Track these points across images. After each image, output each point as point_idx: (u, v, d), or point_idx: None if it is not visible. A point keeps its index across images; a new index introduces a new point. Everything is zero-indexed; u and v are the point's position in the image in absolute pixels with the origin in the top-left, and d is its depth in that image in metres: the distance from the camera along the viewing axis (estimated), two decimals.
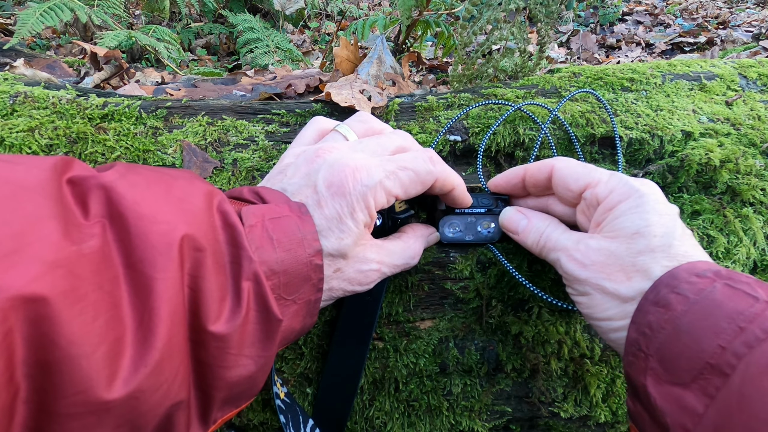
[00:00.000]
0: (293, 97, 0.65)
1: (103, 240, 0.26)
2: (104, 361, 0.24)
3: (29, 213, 0.24)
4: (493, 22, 0.56)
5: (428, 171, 0.39)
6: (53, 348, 0.23)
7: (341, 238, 0.36)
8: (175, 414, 0.28)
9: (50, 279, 0.23)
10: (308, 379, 0.47)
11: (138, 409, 0.25)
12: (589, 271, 0.37)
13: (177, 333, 0.27)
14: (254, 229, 0.32)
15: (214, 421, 0.32)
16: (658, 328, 0.31)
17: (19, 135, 0.44)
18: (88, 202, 0.27)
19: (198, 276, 0.29)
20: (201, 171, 0.47)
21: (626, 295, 0.35)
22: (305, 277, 0.34)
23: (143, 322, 0.26)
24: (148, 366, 0.25)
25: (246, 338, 0.31)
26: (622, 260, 0.36)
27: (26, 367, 0.22)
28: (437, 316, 0.48)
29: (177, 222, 0.28)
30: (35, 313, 0.22)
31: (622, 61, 1.94)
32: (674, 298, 0.32)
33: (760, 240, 0.50)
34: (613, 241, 0.37)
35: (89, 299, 0.24)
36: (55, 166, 0.27)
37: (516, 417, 0.50)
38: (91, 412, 0.24)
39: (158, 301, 0.26)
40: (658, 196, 0.37)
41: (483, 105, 0.52)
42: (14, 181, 0.25)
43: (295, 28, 2.61)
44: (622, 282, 0.36)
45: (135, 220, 0.27)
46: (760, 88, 0.60)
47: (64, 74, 0.75)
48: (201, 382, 0.30)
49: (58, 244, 0.24)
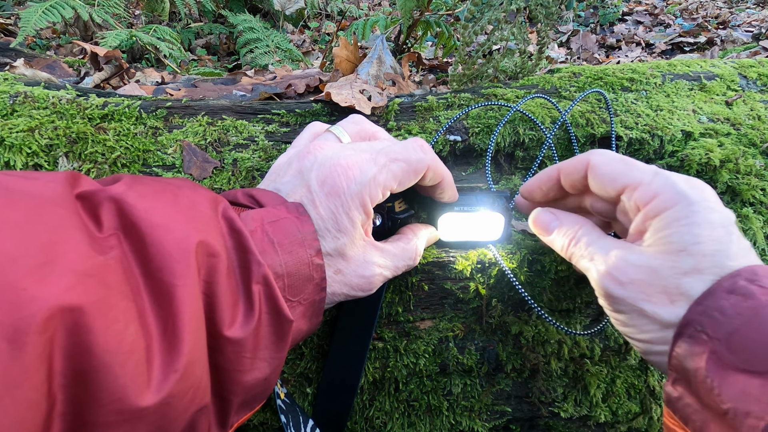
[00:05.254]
0: (293, 97, 0.65)
1: (121, 252, 0.26)
2: (137, 369, 0.24)
3: (56, 224, 0.24)
4: (494, 22, 0.56)
5: (419, 159, 0.38)
6: (89, 357, 0.23)
7: (337, 238, 0.36)
8: (199, 420, 0.28)
9: (83, 288, 0.23)
10: (308, 379, 0.47)
11: (168, 416, 0.26)
12: (627, 290, 0.34)
13: (200, 338, 0.27)
14: (255, 234, 0.32)
15: (231, 425, 0.32)
16: (734, 314, 0.29)
17: (19, 135, 0.44)
18: (100, 215, 0.27)
19: (212, 282, 0.29)
20: (201, 171, 0.47)
21: (668, 320, 0.32)
22: (308, 278, 0.34)
23: (168, 329, 0.26)
24: (178, 371, 0.25)
25: (260, 341, 0.31)
26: (666, 281, 0.32)
27: (63, 378, 0.23)
28: (437, 316, 0.48)
29: (189, 229, 0.28)
30: (72, 322, 0.22)
31: (622, 61, 1.94)
32: (757, 289, 0.30)
33: (760, 240, 0.50)
34: (656, 258, 0.33)
35: (119, 308, 0.24)
36: (67, 180, 0.27)
37: (516, 417, 0.50)
38: (126, 420, 0.24)
39: (181, 308, 0.26)
40: (710, 202, 0.33)
41: (483, 106, 0.52)
42: (36, 195, 0.25)
43: (295, 28, 2.61)
44: (665, 305, 0.32)
45: (149, 229, 0.27)
46: (760, 88, 0.60)
47: (64, 74, 0.75)
48: (219, 388, 0.30)
49: (87, 253, 0.24)
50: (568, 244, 0.38)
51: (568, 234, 0.38)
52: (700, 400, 0.30)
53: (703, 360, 0.30)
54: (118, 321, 0.24)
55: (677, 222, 0.32)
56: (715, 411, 0.29)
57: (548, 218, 0.40)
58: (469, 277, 0.47)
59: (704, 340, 0.30)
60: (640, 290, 0.33)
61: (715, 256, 0.31)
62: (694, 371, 0.30)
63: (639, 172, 0.35)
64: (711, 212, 0.32)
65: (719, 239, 0.31)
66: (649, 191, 0.34)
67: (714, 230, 0.32)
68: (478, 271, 0.47)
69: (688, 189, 0.33)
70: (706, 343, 0.30)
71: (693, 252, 0.31)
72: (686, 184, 0.33)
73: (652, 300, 0.33)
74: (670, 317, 0.32)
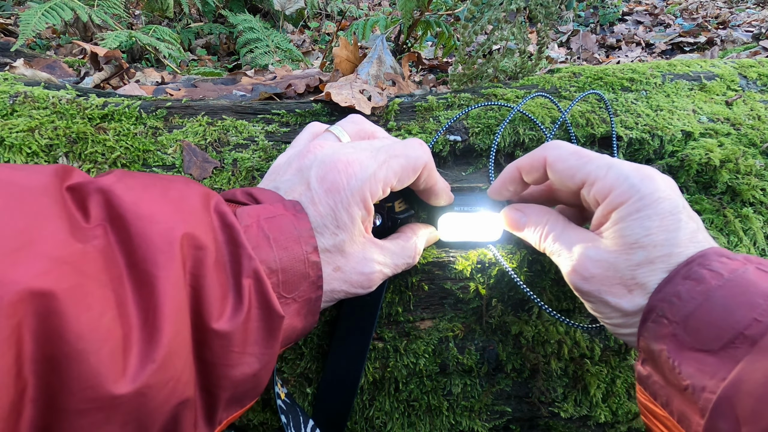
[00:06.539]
0: (293, 97, 0.65)
1: (105, 241, 0.26)
2: (112, 357, 0.24)
3: (35, 212, 0.24)
4: (494, 22, 0.56)
5: (418, 156, 0.39)
6: (61, 343, 0.23)
7: (336, 234, 0.36)
8: (182, 413, 0.28)
9: (57, 274, 0.23)
10: (308, 379, 0.47)
11: (145, 407, 0.26)
12: (590, 284, 0.36)
13: (181, 330, 0.27)
14: (250, 229, 0.32)
15: (220, 422, 0.32)
16: (689, 298, 0.32)
17: (19, 135, 0.44)
18: (87, 206, 0.27)
19: (199, 275, 0.29)
20: (201, 171, 0.47)
21: (627, 309, 0.35)
22: (303, 275, 0.34)
23: (148, 320, 0.26)
24: (155, 362, 0.25)
25: (249, 336, 0.31)
26: (622, 273, 0.35)
27: (34, 364, 0.23)
28: (437, 316, 0.48)
29: (176, 221, 0.28)
30: (43, 307, 0.22)
31: (622, 61, 1.94)
32: (707, 273, 0.32)
33: (760, 240, 0.50)
34: (611, 253, 0.35)
35: (95, 296, 0.24)
36: (56, 171, 0.27)
37: (516, 417, 0.50)
38: (98, 408, 0.24)
39: (162, 299, 0.26)
40: (660, 192, 0.35)
41: (483, 106, 0.52)
42: (18, 183, 0.25)
43: (295, 28, 2.61)
44: (624, 296, 0.35)
45: (134, 220, 0.27)
46: (760, 88, 0.60)
47: (64, 74, 0.75)
48: (206, 383, 0.30)
49: (65, 241, 0.24)
50: (539, 239, 0.40)
51: (537, 229, 0.40)
52: (665, 378, 0.33)
53: (665, 342, 0.32)
54: (92, 308, 0.24)
55: (630, 216, 0.35)
56: (677, 387, 0.32)
57: (517, 215, 0.42)
58: (469, 277, 0.47)
59: (665, 324, 0.33)
60: (602, 283, 0.36)
61: (665, 246, 0.34)
62: (659, 352, 0.33)
63: (594, 166, 0.37)
64: (661, 202, 0.34)
65: (668, 228, 0.34)
66: (605, 186, 0.36)
67: (664, 220, 0.34)
68: (478, 271, 0.47)
69: (639, 182, 0.35)
70: (667, 326, 0.33)
71: (644, 244, 0.34)
72: (638, 177, 0.35)
73: (612, 291, 0.35)
74: (629, 306, 0.35)
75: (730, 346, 0.30)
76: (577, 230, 0.39)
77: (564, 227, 0.40)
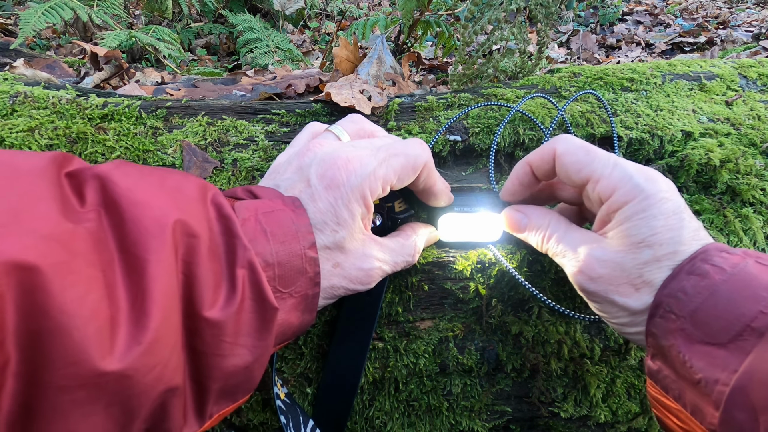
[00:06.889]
0: (293, 97, 0.65)
1: (98, 225, 0.27)
2: (97, 336, 0.24)
3: (27, 192, 0.25)
4: (494, 22, 0.56)
5: (418, 155, 0.39)
6: (44, 317, 0.23)
7: (336, 231, 0.36)
8: (170, 402, 0.28)
9: (42, 249, 0.23)
10: (308, 379, 0.47)
11: (131, 389, 0.25)
12: (597, 284, 0.37)
13: (170, 315, 0.27)
14: (248, 222, 0.33)
15: (211, 415, 0.32)
16: (695, 293, 0.32)
17: (19, 135, 0.44)
18: (84, 191, 0.28)
19: (192, 262, 0.29)
20: (201, 171, 0.47)
21: (635, 307, 0.35)
22: (300, 270, 0.34)
23: (137, 303, 0.26)
24: (141, 345, 0.25)
25: (241, 326, 0.31)
26: (629, 272, 0.35)
27: (17, 337, 0.23)
28: (437, 316, 0.48)
29: (170, 208, 0.29)
30: (27, 280, 0.22)
31: (622, 61, 1.94)
32: (710, 268, 0.33)
33: (760, 240, 0.50)
34: (618, 253, 0.36)
35: (82, 274, 0.24)
36: (54, 157, 0.27)
37: (516, 417, 0.50)
38: (82, 385, 0.24)
39: (151, 283, 0.26)
40: (664, 192, 0.35)
41: (483, 106, 0.52)
42: (16, 165, 0.25)
43: (295, 28, 2.61)
44: (631, 295, 0.35)
45: (128, 205, 0.27)
46: (760, 88, 0.60)
47: (64, 74, 0.75)
48: (196, 373, 0.30)
49: (56, 220, 0.25)
50: (541, 241, 0.41)
51: (539, 231, 0.41)
52: (676, 372, 0.33)
53: (674, 337, 0.33)
54: (78, 285, 0.24)
55: (635, 216, 0.35)
56: (690, 380, 0.32)
57: (518, 217, 0.42)
58: (469, 277, 0.47)
59: (673, 319, 0.33)
60: (609, 283, 0.36)
61: (670, 244, 0.34)
62: (668, 347, 0.33)
63: (599, 163, 0.37)
64: (665, 202, 0.35)
65: (672, 227, 0.34)
66: (609, 185, 0.36)
67: (668, 219, 0.35)
68: (478, 271, 0.47)
69: (643, 182, 0.35)
70: (675, 321, 0.33)
71: (651, 243, 0.35)
72: (642, 177, 0.36)
73: (619, 291, 0.36)
74: (636, 305, 0.35)
75: (739, 339, 0.30)
76: (580, 231, 0.39)
77: (567, 228, 0.40)
